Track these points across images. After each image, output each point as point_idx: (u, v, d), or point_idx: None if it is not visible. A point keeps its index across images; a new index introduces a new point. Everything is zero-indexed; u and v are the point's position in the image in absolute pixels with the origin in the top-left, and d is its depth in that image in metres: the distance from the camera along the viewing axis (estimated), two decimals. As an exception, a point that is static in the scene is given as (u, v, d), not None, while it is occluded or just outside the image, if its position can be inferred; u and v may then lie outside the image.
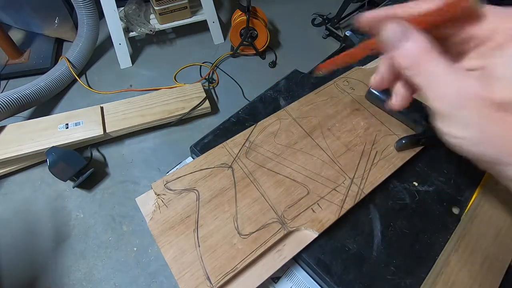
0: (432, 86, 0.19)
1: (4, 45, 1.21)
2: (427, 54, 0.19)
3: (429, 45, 0.19)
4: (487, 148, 0.18)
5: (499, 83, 0.17)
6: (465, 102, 0.18)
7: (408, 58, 0.19)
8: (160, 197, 0.34)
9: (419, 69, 0.19)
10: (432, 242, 0.34)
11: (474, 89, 0.18)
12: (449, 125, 0.19)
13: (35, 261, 0.84)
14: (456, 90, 0.18)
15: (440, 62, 0.19)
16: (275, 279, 0.34)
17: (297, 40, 1.46)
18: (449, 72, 0.18)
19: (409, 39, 0.19)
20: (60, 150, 0.88)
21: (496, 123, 0.17)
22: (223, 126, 0.43)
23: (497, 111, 0.17)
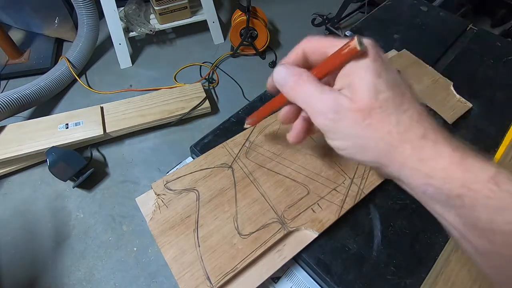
0: (310, 105, 0.22)
1: (4, 45, 1.21)
2: (304, 81, 0.23)
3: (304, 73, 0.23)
4: (365, 153, 0.21)
5: (358, 93, 0.20)
6: (338, 114, 0.21)
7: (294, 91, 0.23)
8: (160, 197, 0.34)
9: (297, 93, 0.23)
10: (432, 242, 0.34)
11: (343, 102, 0.21)
12: (332, 139, 0.22)
13: (35, 261, 0.84)
14: (329, 105, 0.21)
15: (314, 85, 0.22)
16: (275, 279, 0.34)
17: (297, 40, 1.43)
18: (322, 91, 0.22)
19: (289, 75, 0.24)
20: (60, 150, 0.88)
21: (365, 129, 0.20)
22: (223, 126, 0.43)
23: (363, 118, 0.20)
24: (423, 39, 0.56)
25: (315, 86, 0.22)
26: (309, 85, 0.22)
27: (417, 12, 0.61)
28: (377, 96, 0.20)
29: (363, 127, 0.20)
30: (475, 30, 0.58)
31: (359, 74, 0.21)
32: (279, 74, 0.24)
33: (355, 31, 0.56)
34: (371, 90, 0.20)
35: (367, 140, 0.21)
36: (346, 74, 0.22)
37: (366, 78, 0.20)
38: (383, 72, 0.21)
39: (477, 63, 0.52)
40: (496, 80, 0.50)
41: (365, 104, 0.20)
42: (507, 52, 0.53)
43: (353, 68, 0.21)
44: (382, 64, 0.21)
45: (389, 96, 0.20)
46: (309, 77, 0.23)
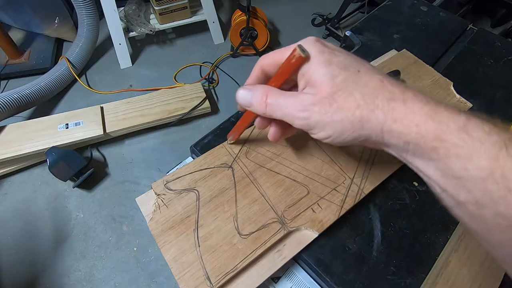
0: (286, 113, 0.24)
1: (4, 45, 1.21)
2: (270, 96, 0.25)
3: (268, 88, 0.25)
4: (347, 134, 0.22)
5: (317, 85, 0.22)
6: (308, 111, 0.23)
7: (261, 106, 0.25)
8: (160, 197, 0.34)
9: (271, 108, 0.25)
10: (432, 242, 0.34)
11: (307, 98, 0.23)
12: (315, 133, 0.24)
13: (35, 261, 0.84)
14: (297, 106, 0.23)
15: (278, 97, 0.24)
16: (275, 279, 0.34)
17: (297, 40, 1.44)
18: (286, 98, 0.24)
19: (253, 95, 0.26)
20: (60, 150, 0.88)
21: (336, 113, 0.22)
22: (223, 126, 0.43)
23: (330, 105, 0.22)
24: (423, 39, 0.56)
25: (280, 97, 0.24)
26: (274, 98, 0.25)
27: (417, 12, 0.61)
28: (334, 81, 0.22)
29: (333, 112, 0.22)
30: (475, 30, 0.58)
31: (312, 70, 0.23)
32: (244, 98, 0.27)
33: (355, 31, 0.56)
34: (327, 77, 0.22)
35: (342, 122, 0.22)
36: (302, 74, 0.24)
37: (319, 70, 0.22)
38: (332, 59, 0.22)
39: (477, 63, 0.52)
40: (496, 80, 0.50)
41: (325, 92, 0.22)
42: (507, 52, 0.53)
43: (306, 67, 0.23)
44: (329, 52, 0.23)
45: (345, 76, 0.22)
46: (270, 91, 0.25)
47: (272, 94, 0.25)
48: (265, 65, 0.27)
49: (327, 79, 0.22)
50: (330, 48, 0.24)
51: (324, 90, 0.22)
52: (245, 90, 0.27)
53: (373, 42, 0.55)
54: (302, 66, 0.23)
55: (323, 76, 0.22)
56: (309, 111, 0.22)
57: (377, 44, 0.54)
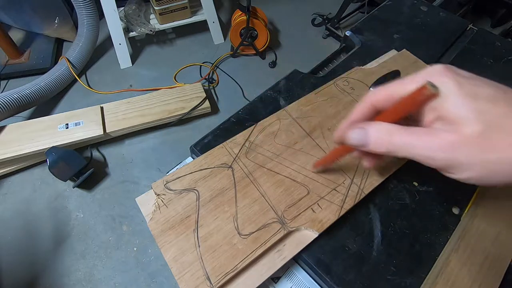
0: (417, 154, 0.21)
1: (4, 45, 1.21)
2: (393, 135, 0.22)
3: (389, 126, 0.23)
4: (498, 176, 0.20)
5: (461, 122, 0.19)
6: (453, 151, 0.20)
7: (381, 146, 0.23)
8: (160, 197, 0.34)
9: (395, 148, 0.22)
10: (432, 242, 0.34)
11: (450, 137, 0.20)
12: (454, 173, 0.21)
13: (35, 261, 0.84)
14: (438, 146, 0.20)
15: (409, 134, 0.22)
16: (275, 279, 0.34)
17: (297, 40, 1.46)
18: (421, 136, 0.21)
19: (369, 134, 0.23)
20: (60, 150, 0.88)
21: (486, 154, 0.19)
22: (223, 126, 0.43)
23: (479, 145, 0.19)
24: (423, 39, 0.56)
25: (408, 136, 0.22)
26: (400, 137, 0.22)
27: (417, 12, 0.61)
28: (484, 117, 0.19)
29: (484, 153, 0.19)
30: (475, 30, 0.58)
31: (451, 105, 0.20)
32: (356, 138, 0.24)
33: (355, 31, 0.56)
34: (474, 114, 0.19)
35: (495, 164, 0.19)
36: (432, 108, 0.21)
37: (461, 106, 0.20)
38: (476, 91, 0.20)
39: (477, 63, 0.52)
40: (496, 80, 0.49)
41: (473, 130, 0.19)
42: (507, 52, 0.53)
43: (439, 101, 0.20)
44: (470, 84, 0.20)
45: (498, 112, 0.19)
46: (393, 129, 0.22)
47: (398, 133, 0.22)
48: (377, 101, 0.25)
49: (473, 115, 0.19)
50: (467, 77, 0.21)
51: (470, 128, 0.19)
52: (358, 129, 0.24)
53: (373, 42, 0.55)
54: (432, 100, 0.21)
55: (468, 113, 0.19)
56: (452, 152, 0.20)
57: (377, 44, 0.54)
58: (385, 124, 0.23)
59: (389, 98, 0.24)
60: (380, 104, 0.25)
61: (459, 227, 0.35)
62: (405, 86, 0.22)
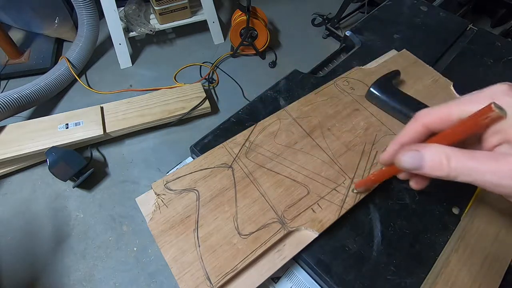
0: (481, 180, 0.20)
1: (4, 45, 1.21)
2: (452, 158, 0.20)
3: (447, 150, 0.21)
4: None
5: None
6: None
7: (438, 170, 0.21)
8: (160, 197, 0.34)
9: (455, 172, 0.20)
10: (432, 242, 0.34)
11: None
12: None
13: (35, 261, 0.84)
14: (506, 172, 0.19)
15: (470, 158, 0.20)
16: (275, 279, 0.34)
17: (297, 40, 1.46)
18: (484, 161, 0.19)
19: (425, 158, 0.21)
20: (60, 150, 0.88)
21: None
22: (223, 126, 0.43)
23: None
24: (423, 39, 0.56)
25: (469, 160, 0.20)
26: (460, 161, 0.20)
27: (417, 12, 0.61)
28: None
29: None
30: (475, 30, 0.58)
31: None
32: (410, 162, 0.22)
33: (355, 31, 0.56)
34: None
35: None
36: (496, 131, 0.20)
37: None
38: None
39: (477, 63, 0.52)
40: (496, 80, 0.49)
41: None
42: (507, 52, 0.53)
43: (505, 123, 0.20)
44: None
45: None
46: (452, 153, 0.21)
47: (457, 157, 0.20)
48: (431, 122, 0.23)
49: None
50: None
51: None
52: (412, 152, 0.22)
53: (373, 42, 0.55)
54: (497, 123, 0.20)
55: None
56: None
57: (377, 44, 0.54)
58: (443, 147, 0.21)
59: (446, 120, 0.22)
60: (434, 126, 0.23)
61: (459, 227, 0.35)
62: (464, 107, 0.21)
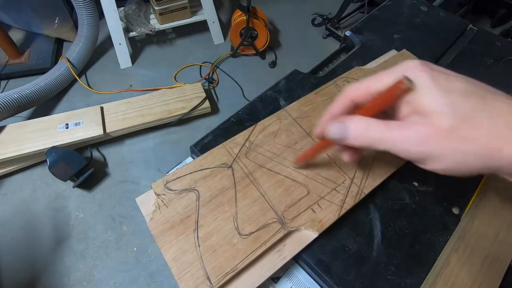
0: (393, 146, 0.22)
1: (4, 45, 1.21)
2: (371, 128, 0.23)
3: (367, 120, 0.23)
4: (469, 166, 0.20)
5: (435, 116, 0.20)
6: (425, 144, 0.21)
7: (359, 140, 0.23)
8: (160, 197, 0.34)
9: (373, 141, 0.23)
10: (432, 242, 0.34)
11: (424, 129, 0.20)
12: (428, 165, 0.22)
13: (35, 261, 0.84)
14: (413, 139, 0.21)
15: (386, 127, 0.22)
16: (275, 279, 0.34)
17: (297, 40, 1.46)
18: (396, 129, 0.22)
19: (348, 128, 0.23)
20: (60, 150, 0.88)
21: (458, 145, 0.20)
22: (223, 126, 0.43)
23: (451, 137, 0.20)
24: (423, 39, 0.56)
25: (385, 129, 0.22)
26: (378, 131, 0.22)
27: (417, 12, 0.61)
28: (456, 110, 0.20)
29: (455, 144, 0.20)
30: (475, 30, 0.58)
31: (425, 99, 0.20)
32: (336, 132, 0.24)
33: (355, 31, 0.56)
34: (447, 107, 0.20)
35: (466, 155, 0.20)
36: (407, 102, 0.22)
37: (434, 99, 0.20)
38: (450, 85, 0.20)
39: (477, 63, 0.52)
40: (496, 80, 0.50)
41: (446, 123, 0.20)
42: (507, 52, 0.53)
43: (414, 94, 0.21)
44: (445, 78, 0.21)
45: (469, 105, 0.20)
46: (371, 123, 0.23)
47: (375, 126, 0.23)
48: (355, 95, 0.25)
49: (446, 108, 0.20)
50: (442, 72, 0.21)
51: (443, 121, 0.20)
52: (337, 123, 0.24)
53: (373, 42, 0.55)
54: (408, 94, 0.22)
55: (441, 106, 0.20)
56: (426, 144, 0.20)
57: (377, 44, 0.54)
58: (363, 118, 0.23)
59: (367, 93, 0.24)
60: (358, 99, 0.25)
61: (459, 227, 0.35)
62: (382, 81, 0.23)
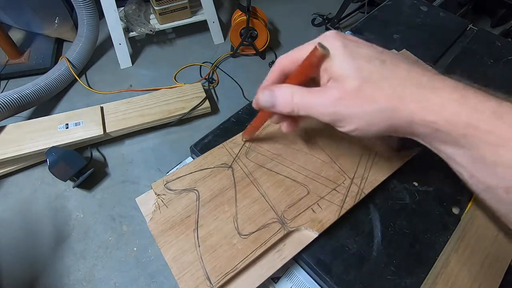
0: (313, 111, 0.24)
1: (4, 45, 1.21)
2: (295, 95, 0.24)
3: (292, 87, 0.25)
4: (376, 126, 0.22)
5: (342, 79, 0.22)
6: (335, 106, 0.22)
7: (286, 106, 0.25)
8: (160, 197, 0.34)
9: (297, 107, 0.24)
10: (432, 242, 0.34)
11: (333, 93, 0.22)
12: (342, 127, 0.23)
13: (35, 261, 0.84)
14: (327, 102, 0.23)
15: (308, 93, 0.24)
16: (275, 279, 0.34)
17: (297, 40, 1.46)
18: (315, 94, 0.24)
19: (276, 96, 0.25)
20: (60, 150, 0.88)
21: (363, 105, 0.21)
22: (223, 126, 0.43)
23: (357, 97, 0.22)
24: (423, 39, 0.56)
25: (307, 95, 0.24)
26: (301, 97, 0.24)
27: (417, 12, 0.61)
28: (360, 73, 0.21)
29: (361, 104, 0.22)
30: (475, 30, 0.58)
31: (336, 64, 0.22)
32: (266, 100, 0.26)
33: (355, 31, 0.56)
34: (352, 71, 0.22)
35: (370, 114, 0.22)
36: (324, 69, 0.24)
37: (343, 64, 0.22)
38: (356, 51, 0.22)
39: (477, 63, 0.52)
40: (496, 80, 0.50)
41: (352, 85, 0.21)
42: (507, 52, 0.53)
43: (328, 62, 0.23)
44: (353, 45, 0.23)
45: (371, 68, 0.22)
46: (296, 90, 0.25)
47: (299, 93, 0.24)
48: (284, 65, 0.27)
49: (352, 72, 0.21)
50: (352, 40, 0.23)
51: (350, 83, 0.22)
52: (267, 91, 0.26)
53: (373, 42, 0.54)
54: (324, 61, 0.23)
55: (348, 70, 0.22)
56: (337, 106, 0.22)
57: (377, 44, 0.54)
58: (289, 86, 0.25)
59: (294, 62, 0.26)
60: (287, 69, 0.27)
61: (459, 227, 0.35)
62: (304, 50, 0.25)
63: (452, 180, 0.38)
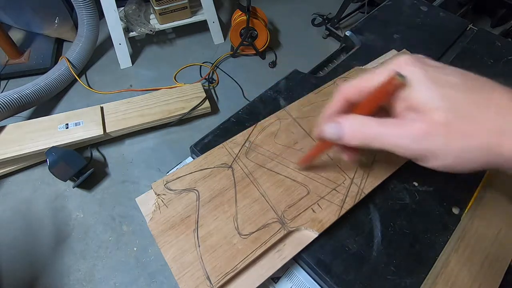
0: (390, 144, 0.21)
1: (4, 45, 1.21)
2: (365, 127, 0.22)
3: (362, 119, 0.23)
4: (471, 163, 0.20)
5: (429, 111, 0.19)
6: (423, 140, 0.20)
7: (355, 138, 0.23)
8: (160, 197, 0.34)
9: (368, 139, 0.22)
10: (432, 242, 0.34)
11: (419, 126, 0.20)
12: (427, 163, 0.21)
13: (35, 261, 0.84)
14: (409, 136, 0.20)
15: (381, 125, 0.22)
16: (275, 279, 0.34)
17: (297, 40, 1.46)
18: (391, 127, 0.21)
19: (344, 128, 0.23)
20: (60, 150, 0.88)
21: (457, 140, 0.19)
22: (223, 126, 0.43)
23: (449, 132, 0.19)
24: (423, 39, 0.56)
25: (380, 127, 0.22)
26: (372, 129, 0.22)
27: (417, 12, 0.61)
28: (447, 104, 0.19)
29: (454, 140, 0.19)
30: (475, 30, 0.58)
31: (418, 94, 0.20)
32: (332, 132, 0.24)
33: (355, 31, 0.56)
34: (439, 102, 0.19)
35: (466, 151, 0.19)
36: (401, 98, 0.21)
37: (427, 94, 0.19)
38: (441, 78, 0.20)
39: (477, 63, 0.52)
40: (496, 80, 0.49)
41: (441, 118, 0.19)
42: (507, 52, 0.53)
43: (407, 90, 0.21)
44: (435, 71, 0.20)
45: (463, 98, 0.19)
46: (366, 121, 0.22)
47: (370, 125, 0.22)
48: (349, 94, 0.25)
49: (439, 102, 0.19)
50: (434, 66, 0.21)
51: (438, 115, 0.19)
52: (333, 124, 0.24)
53: (373, 42, 0.55)
54: (401, 90, 0.21)
55: (434, 100, 0.19)
56: (423, 141, 0.20)
57: (377, 44, 0.54)
58: (358, 117, 0.23)
59: (361, 91, 0.24)
60: (353, 98, 0.25)
61: (459, 227, 0.35)
62: (375, 78, 0.23)
63: (452, 180, 0.38)
